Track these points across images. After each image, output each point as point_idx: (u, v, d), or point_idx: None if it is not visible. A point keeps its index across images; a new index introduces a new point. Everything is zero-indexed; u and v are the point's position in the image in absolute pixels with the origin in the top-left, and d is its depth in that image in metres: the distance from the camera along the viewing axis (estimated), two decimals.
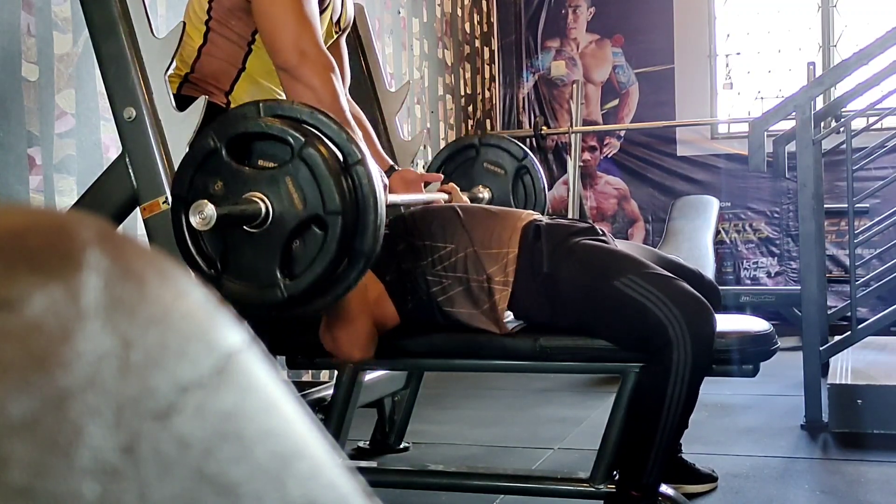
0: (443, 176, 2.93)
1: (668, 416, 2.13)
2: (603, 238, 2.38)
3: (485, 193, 3.16)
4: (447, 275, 2.33)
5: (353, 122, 2.25)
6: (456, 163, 3.25)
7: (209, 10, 2.42)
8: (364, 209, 1.89)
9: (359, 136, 1.98)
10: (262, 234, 1.89)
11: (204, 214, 1.84)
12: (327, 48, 2.39)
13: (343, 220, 1.85)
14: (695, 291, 2.16)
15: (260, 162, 1.90)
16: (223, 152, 1.90)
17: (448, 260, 2.34)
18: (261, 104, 1.94)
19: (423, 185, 2.75)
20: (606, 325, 2.23)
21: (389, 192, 2.60)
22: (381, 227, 1.92)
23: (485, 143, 3.26)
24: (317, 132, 1.90)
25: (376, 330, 2.33)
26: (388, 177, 2.63)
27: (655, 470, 2.18)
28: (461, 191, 2.94)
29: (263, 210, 1.87)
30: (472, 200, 3.05)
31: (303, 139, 1.85)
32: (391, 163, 2.76)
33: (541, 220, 2.38)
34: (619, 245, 2.40)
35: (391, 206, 2.72)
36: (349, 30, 2.82)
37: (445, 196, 2.80)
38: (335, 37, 2.65)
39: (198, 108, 2.20)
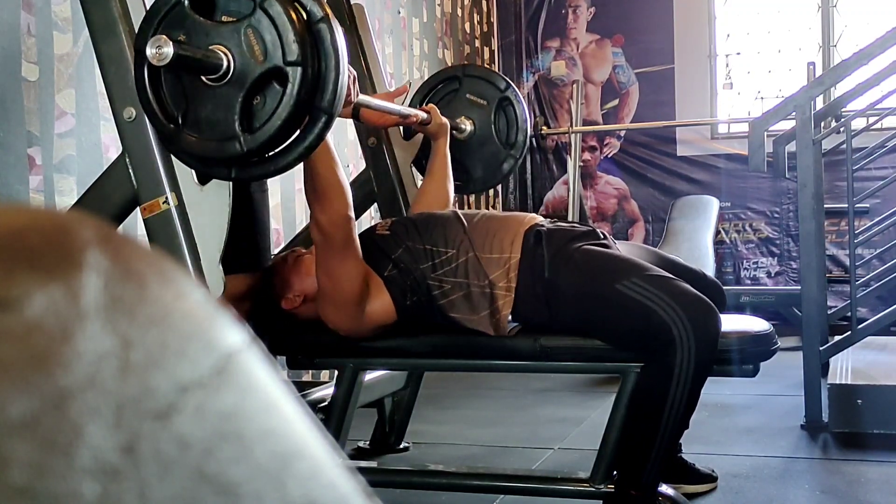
0: (432, 106, 2.97)
1: (669, 416, 2.13)
2: (604, 242, 2.37)
3: (467, 125, 3.19)
4: (448, 279, 2.34)
5: None
6: (440, 94, 3.27)
7: None
8: (326, 66, 1.88)
9: None
10: (222, 87, 1.88)
11: (162, 50, 1.81)
12: None
13: (303, 72, 1.84)
14: (698, 292, 2.16)
15: (223, 18, 1.90)
16: (186, 4, 1.89)
17: (449, 265, 2.34)
18: None
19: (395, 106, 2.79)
20: (609, 327, 2.23)
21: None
22: (343, 87, 1.91)
23: (468, 73, 3.28)
24: None
25: (367, 302, 2.33)
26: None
27: (655, 470, 2.18)
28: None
29: (225, 62, 1.86)
30: (454, 130, 3.08)
31: None
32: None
33: (543, 225, 2.37)
34: (621, 248, 2.40)
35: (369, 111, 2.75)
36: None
37: (423, 115, 2.82)
38: None
39: None
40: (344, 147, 4.63)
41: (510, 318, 2.31)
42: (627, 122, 6.72)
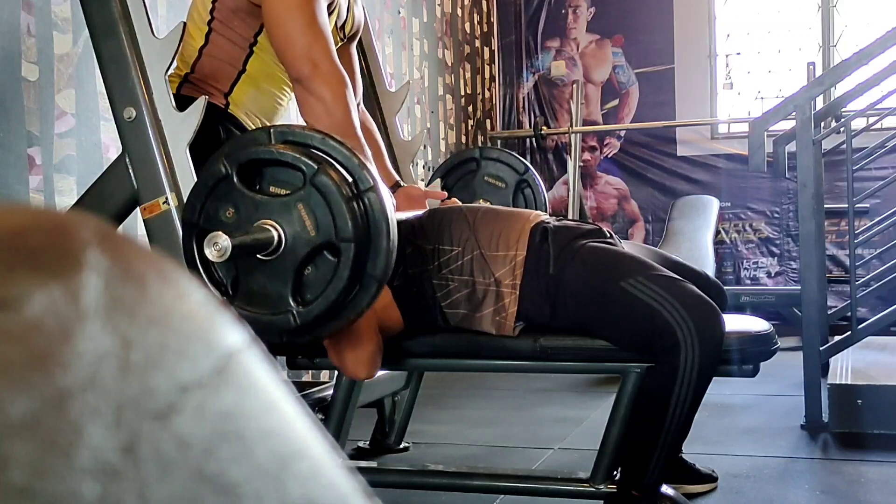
0: (446, 193, 2.93)
1: (672, 417, 2.13)
2: (610, 240, 2.37)
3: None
4: (453, 278, 2.33)
5: (363, 141, 2.24)
6: (456, 176, 3.25)
7: (212, 11, 2.42)
8: (376, 235, 1.88)
9: (370, 160, 1.97)
10: (274, 261, 1.87)
11: (219, 247, 1.81)
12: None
13: (356, 246, 1.83)
14: (703, 294, 2.16)
15: (271, 188, 1.89)
16: (234, 178, 1.88)
17: (455, 263, 2.34)
18: (272, 130, 1.92)
19: (426, 201, 2.75)
20: (612, 326, 2.22)
21: (395, 211, 2.62)
22: (394, 253, 1.91)
23: (486, 156, 3.27)
24: (329, 158, 1.88)
25: (381, 339, 2.32)
26: (394, 193, 2.65)
27: (657, 470, 2.18)
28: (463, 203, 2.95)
29: (276, 238, 1.85)
30: None
31: (315, 166, 1.83)
32: (397, 178, 2.77)
33: (548, 222, 2.37)
34: (626, 246, 2.40)
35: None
36: (358, 36, 2.82)
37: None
38: (341, 43, 2.63)
39: (198, 109, 2.20)
40: None
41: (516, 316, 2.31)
42: (627, 123, 6.72)
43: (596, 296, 2.22)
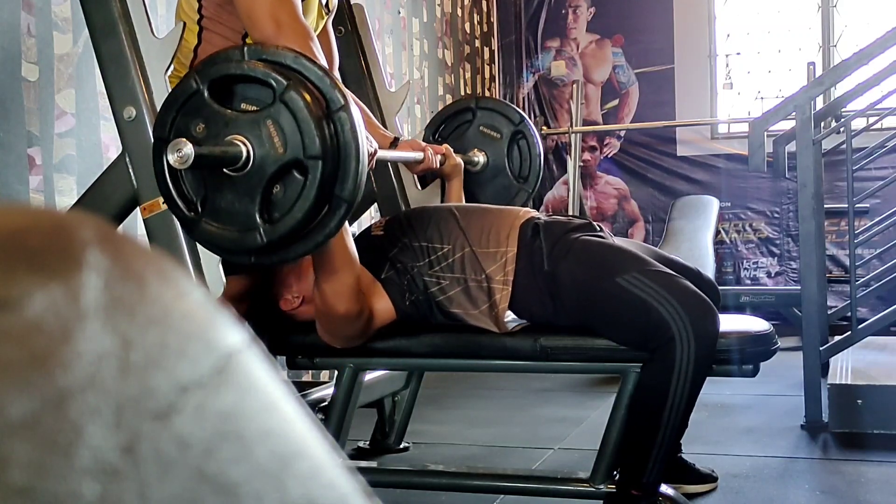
0: (446, 146, 2.95)
1: (670, 414, 2.14)
2: (601, 234, 2.38)
3: (480, 157, 3.17)
4: (445, 275, 2.33)
5: (338, 76, 2.23)
6: (452, 125, 3.25)
7: (199, 9, 2.41)
8: (346, 155, 1.88)
9: (340, 81, 1.96)
10: (242, 177, 1.87)
11: (182, 153, 1.81)
12: (317, 34, 2.38)
13: (323, 164, 1.83)
14: (697, 290, 2.16)
15: (243, 105, 1.89)
16: (205, 94, 1.88)
17: (446, 260, 2.34)
18: (245, 47, 1.92)
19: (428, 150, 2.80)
20: (608, 321, 2.23)
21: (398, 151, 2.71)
22: (363, 175, 1.90)
23: (482, 106, 3.26)
24: (300, 76, 1.88)
25: (370, 313, 2.31)
26: (395, 146, 2.73)
27: (656, 469, 2.18)
28: (456, 153, 2.97)
29: (244, 153, 1.85)
30: (467, 164, 3.07)
31: (285, 82, 1.83)
32: (393, 135, 2.83)
33: (539, 218, 2.37)
34: (618, 242, 2.40)
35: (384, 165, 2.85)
36: (337, 15, 2.83)
37: (420, 156, 2.82)
38: (324, 19, 2.63)
39: None
40: None
41: (510, 312, 2.31)
42: (627, 123, 6.72)
43: (592, 292, 2.22)
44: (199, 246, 2.16)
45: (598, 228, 2.40)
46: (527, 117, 3.26)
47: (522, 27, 6.96)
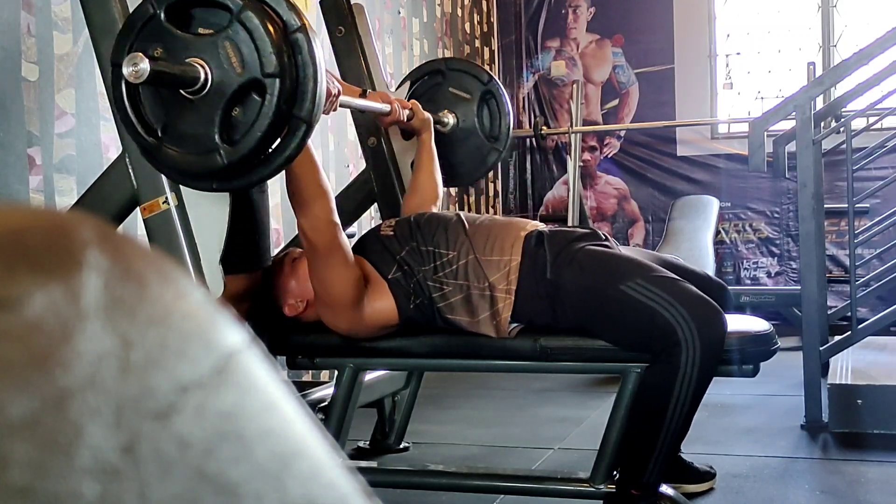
0: (413, 102, 2.99)
1: (672, 416, 2.14)
2: (606, 243, 2.38)
3: (450, 118, 3.20)
4: (448, 281, 2.34)
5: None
6: (424, 87, 3.27)
7: None
8: (304, 75, 1.88)
9: (297, 5, 1.97)
10: (201, 99, 1.87)
11: (138, 67, 1.80)
12: None
13: (281, 83, 1.84)
14: (702, 294, 2.16)
15: (200, 30, 1.89)
16: (162, 17, 1.88)
17: (450, 267, 2.35)
18: None
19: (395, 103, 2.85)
20: (612, 328, 2.23)
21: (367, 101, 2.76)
22: (321, 96, 1.91)
23: (451, 67, 3.28)
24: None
25: (362, 291, 2.35)
26: (363, 97, 2.78)
27: (657, 469, 2.19)
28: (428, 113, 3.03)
29: (203, 75, 1.85)
30: (437, 124, 3.10)
31: (241, 3, 1.84)
32: (364, 88, 2.89)
33: (544, 229, 2.39)
34: (623, 249, 2.41)
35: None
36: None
37: (386, 108, 2.85)
38: None
39: None
40: (344, 147, 4.63)
41: (511, 320, 2.31)
42: (627, 123, 6.72)
43: (596, 298, 2.23)
44: (199, 246, 2.17)
45: (603, 237, 2.41)
46: (494, 77, 3.28)
47: (522, 27, 6.96)
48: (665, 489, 2.25)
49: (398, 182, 3.18)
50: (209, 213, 2.18)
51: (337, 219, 2.31)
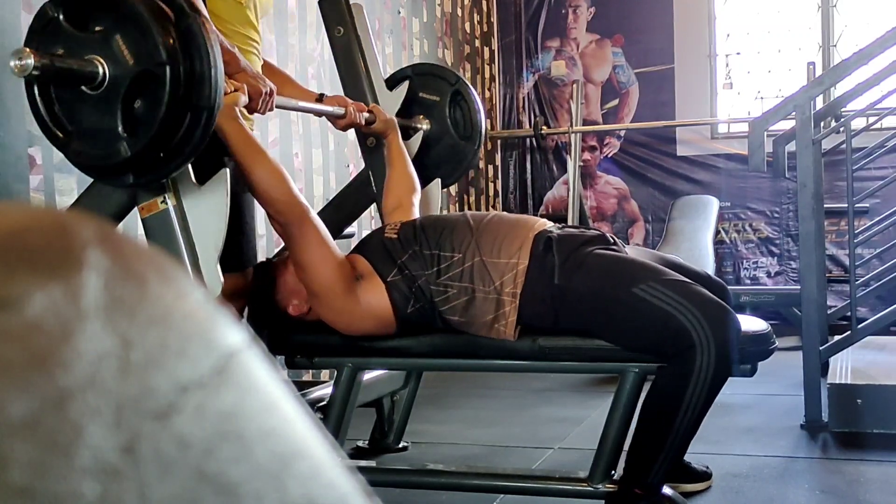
0: (374, 105, 3.00)
1: (683, 419, 2.14)
2: (614, 246, 2.37)
3: (423, 124, 3.22)
4: (453, 284, 2.33)
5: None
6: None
7: None
8: (198, 62, 1.90)
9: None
10: (101, 94, 1.90)
11: (23, 62, 1.82)
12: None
13: (171, 69, 1.86)
14: (715, 297, 2.16)
15: (97, 28, 1.91)
16: (61, 19, 1.91)
17: (454, 269, 2.33)
18: None
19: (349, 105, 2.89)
20: (623, 331, 2.22)
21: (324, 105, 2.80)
22: (220, 81, 1.94)
23: (418, 72, 3.32)
24: None
25: (347, 271, 2.36)
26: (321, 102, 2.82)
27: (662, 471, 2.19)
28: (401, 121, 3.08)
29: (100, 70, 1.88)
30: (411, 129, 3.12)
31: None
32: (321, 93, 2.91)
33: (552, 231, 2.36)
34: (630, 251, 2.40)
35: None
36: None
37: (341, 111, 2.85)
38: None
39: None
40: (344, 147, 4.63)
41: (515, 323, 2.31)
42: (627, 122, 6.72)
43: (606, 302, 2.21)
44: (197, 246, 2.16)
45: (612, 241, 2.40)
46: (462, 77, 3.30)
47: (522, 27, 6.96)
48: (666, 490, 2.26)
49: None
50: (207, 214, 2.17)
51: (301, 199, 2.34)
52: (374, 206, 3.31)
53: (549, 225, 2.42)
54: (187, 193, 2.17)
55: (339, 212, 3.26)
